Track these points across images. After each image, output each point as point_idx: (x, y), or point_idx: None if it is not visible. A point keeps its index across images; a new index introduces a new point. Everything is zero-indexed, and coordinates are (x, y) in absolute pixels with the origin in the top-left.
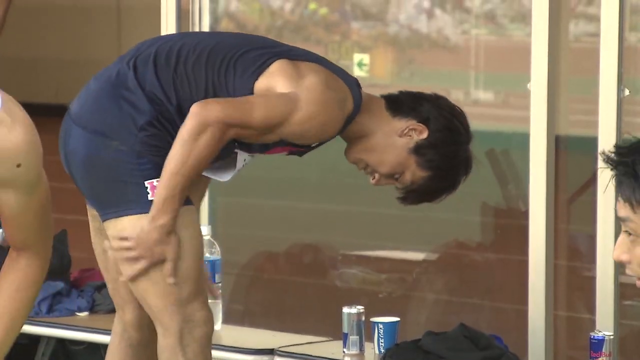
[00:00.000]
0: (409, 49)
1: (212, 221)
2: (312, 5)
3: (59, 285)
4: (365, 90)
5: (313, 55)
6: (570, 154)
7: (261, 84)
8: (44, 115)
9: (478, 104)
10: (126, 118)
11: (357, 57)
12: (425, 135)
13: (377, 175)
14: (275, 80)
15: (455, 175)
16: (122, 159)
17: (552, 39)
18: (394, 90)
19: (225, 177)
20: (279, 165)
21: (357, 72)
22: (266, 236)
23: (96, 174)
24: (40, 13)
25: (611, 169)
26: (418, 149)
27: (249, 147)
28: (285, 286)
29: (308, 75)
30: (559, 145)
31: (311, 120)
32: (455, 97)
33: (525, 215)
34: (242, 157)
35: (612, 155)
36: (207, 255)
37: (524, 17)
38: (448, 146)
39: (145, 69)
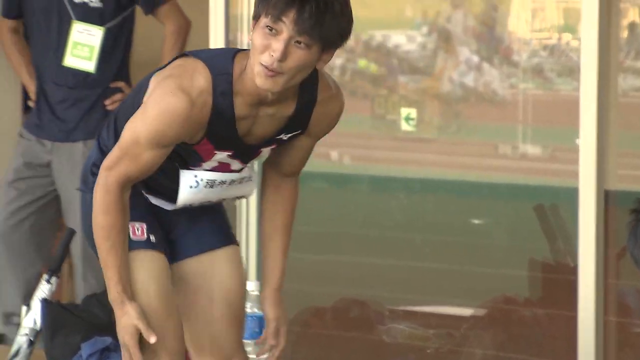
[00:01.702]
0: (456, 102)
1: (259, 277)
2: (362, 63)
3: (107, 340)
4: (412, 144)
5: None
6: (620, 208)
7: None
8: None
9: (526, 158)
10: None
11: (404, 111)
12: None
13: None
14: None
15: None
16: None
17: (600, 94)
18: (440, 145)
19: (173, 205)
20: (324, 220)
21: (404, 126)
22: (312, 291)
23: None
24: None
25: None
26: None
27: (185, 163)
28: (332, 341)
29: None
30: (608, 200)
31: (151, 105)
32: (503, 151)
33: (574, 270)
34: (188, 176)
35: None
36: (255, 310)
37: (571, 72)
38: None
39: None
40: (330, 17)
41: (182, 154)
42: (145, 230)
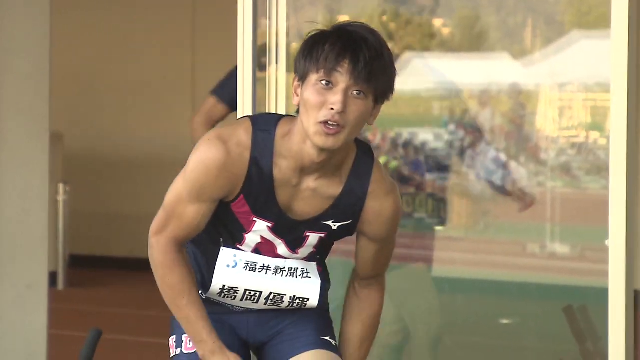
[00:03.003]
0: (484, 201)
1: None
2: (393, 164)
3: None
4: (440, 242)
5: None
6: None
7: None
8: (121, 268)
9: (555, 257)
10: None
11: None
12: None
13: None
14: None
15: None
16: None
17: (630, 193)
18: (469, 243)
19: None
20: None
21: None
22: None
23: None
24: (115, 168)
25: None
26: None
27: (229, 234)
28: None
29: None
30: (638, 301)
31: (191, 163)
32: (532, 250)
33: None
34: (227, 254)
35: None
36: None
37: (599, 170)
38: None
39: None
40: (381, 66)
41: (224, 219)
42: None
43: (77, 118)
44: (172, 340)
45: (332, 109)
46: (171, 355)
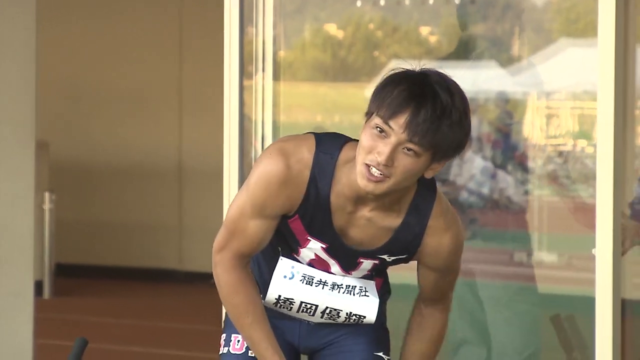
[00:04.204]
0: (471, 209)
1: None
2: None
3: None
4: None
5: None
6: (637, 318)
7: None
8: (107, 277)
9: (542, 266)
10: None
11: None
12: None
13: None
14: None
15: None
16: None
17: (616, 201)
18: None
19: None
20: None
21: None
22: None
23: None
24: (100, 177)
25: None
26: None
27: (285, 245)
28: None
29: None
30: (625, 310)
31: (252, 177)
32: (519, 258)
33: None
34: (285, 264)
35: None
36: None
37: (587, 178)
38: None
39: None
40: (446, 126)
41: (282, 230)
42: (245, 345)
43: (63, 126)
44: (222, 338)
45: (377, 158)
46: (220, 353)
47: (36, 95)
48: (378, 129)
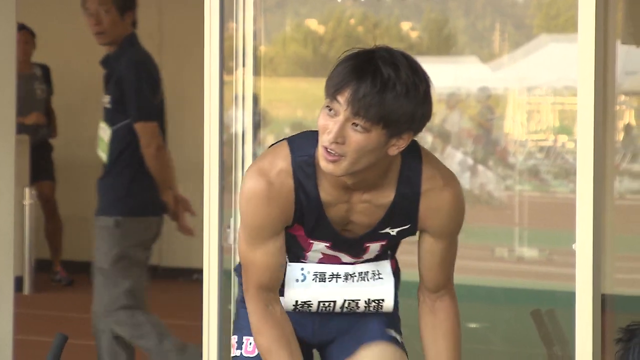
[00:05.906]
0: None
1: None
2: None
3: None
4: (407, 246)
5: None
6: (617, 313)
7: None
8: (87, 273)
9: (522, 261)
10: None
11: None
12: None
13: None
14: None
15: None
16: None
17: (597, 196)
18: None
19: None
20: None
21: None
22: None
23: None
24: (81, 172)
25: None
26: None
27: (293, 253)
28: None
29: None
30: (605, 305)
31: (241, 201)
32: (500, 254)
33: None
34: (294, 269)
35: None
36: None
37: (567, 174)
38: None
39: None
40: (391, 99)
41: (286, 239)
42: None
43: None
44: (234, 340)
45: (328, 136)
46: (232, 355)
47: (16, 90)
48: (328, 108)
